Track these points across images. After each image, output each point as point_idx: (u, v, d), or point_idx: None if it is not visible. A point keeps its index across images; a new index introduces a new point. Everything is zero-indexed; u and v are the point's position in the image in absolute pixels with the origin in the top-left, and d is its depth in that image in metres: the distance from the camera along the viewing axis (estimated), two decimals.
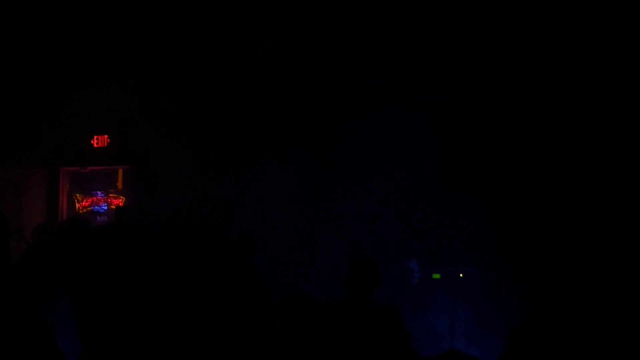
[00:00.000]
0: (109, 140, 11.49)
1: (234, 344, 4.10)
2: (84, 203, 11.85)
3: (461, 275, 8.74)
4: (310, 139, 9.83)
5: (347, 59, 9.32)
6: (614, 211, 8.08)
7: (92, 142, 11.53)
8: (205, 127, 10.35)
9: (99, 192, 11.83)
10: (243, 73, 9.88)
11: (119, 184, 11.85)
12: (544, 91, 8.67)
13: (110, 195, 11.79)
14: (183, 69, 10.18)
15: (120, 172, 11.84)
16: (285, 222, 9.65)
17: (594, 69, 8.32)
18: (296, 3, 9.54)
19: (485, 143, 8.72)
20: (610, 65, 8.26)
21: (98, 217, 11.67)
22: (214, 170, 10.23)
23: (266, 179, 9.63)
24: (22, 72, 10.48)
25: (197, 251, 4.41)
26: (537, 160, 8.69)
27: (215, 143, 10.33)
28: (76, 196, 11.90)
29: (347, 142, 9.44)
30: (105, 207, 11.73)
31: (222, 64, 9.97)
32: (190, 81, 10.22)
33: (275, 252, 8.57)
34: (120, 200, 11.69)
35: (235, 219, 8.24)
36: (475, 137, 8.76)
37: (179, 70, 10.19)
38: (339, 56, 9.26)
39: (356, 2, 9.43)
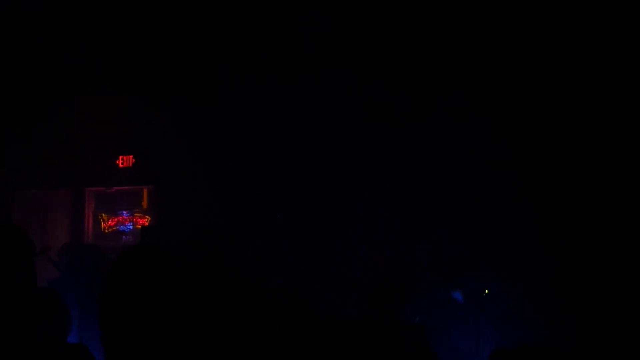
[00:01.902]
0: (134, 160, 11.58)
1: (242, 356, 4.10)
2: (109, 223, 11.94)
3: (487, 291, 8.66)
4: (317, 147, 9.84)
5: (347, 59, 9.34)
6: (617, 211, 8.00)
7: (117, 162, 11.62)
8: (228, 143, 10.37)
9: (124, 212, 11.92)
10: (263, 86, 9.89)
11: (144, 204, 11.94)
12: (545, 91, 8.60)
13: (136, 214, 11.88)
14: (206, 87, 10.22)
15: (145, 191, 11.93)
16: (295, 232, 9.65)
17: (594, 68, 8.26)
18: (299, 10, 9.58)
19: (485, 143, 8.69)
20: (610, 65, 8.19)
21: (124, 237, 11.76)
22: (237, 185, 10.26)
23: (287, 191, 9.67)
24: (47, 94, 10.60)
25: (216, 273, 4.41)
26: (538, 160, 8.62)
27: (237, 157, 10.34)
28: (102, 216, 12.00)
29: (347, 143, 9.46)
30: (131, 227, 11.81)
31: (243, 78, 9.99)
32: (213, 99, 10.26)
33: (288, 263, 8.59)
34: (146, 219, 11.76)
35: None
36: (475, 137, 8.75)
37: (202, 89, 10.24)
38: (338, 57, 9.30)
39: (357, 5, 9.44)
